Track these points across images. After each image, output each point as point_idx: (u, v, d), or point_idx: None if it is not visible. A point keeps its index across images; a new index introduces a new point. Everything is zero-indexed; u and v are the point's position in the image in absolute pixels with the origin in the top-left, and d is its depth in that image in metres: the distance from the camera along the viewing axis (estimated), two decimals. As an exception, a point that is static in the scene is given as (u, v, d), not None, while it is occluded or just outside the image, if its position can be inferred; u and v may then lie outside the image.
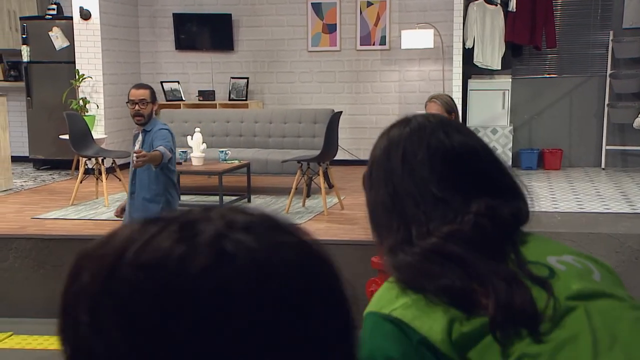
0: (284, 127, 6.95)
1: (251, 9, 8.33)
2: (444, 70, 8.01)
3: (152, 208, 3.92)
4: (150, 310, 0.48)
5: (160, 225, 0.51)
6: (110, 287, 0.50)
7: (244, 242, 0.51)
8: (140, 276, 0.48)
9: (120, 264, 0.50)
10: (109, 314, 0.49)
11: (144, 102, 3.89)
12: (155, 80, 8.53)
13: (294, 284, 0.51)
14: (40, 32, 7.83)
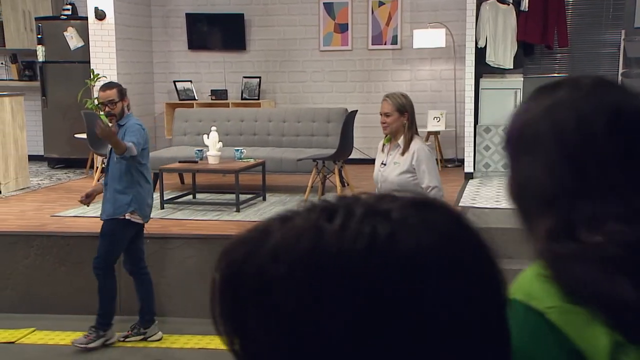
0: (297, 126, 7.01)
1: (263, 9, 8.39)
2: (456, 69, 8.05)
3: (122, 199, 4.12)
4: (371, 284, 0.50)
5: (343, 212, 0.52)
6: (318, 265, 0.51)
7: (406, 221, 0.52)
8: (355, 252, 0.50)
9: (321, 246, 0.51)
10: (272, 314, 0.51)
11: (112, 102, 4.08)
12: (168, 80, 8.61)
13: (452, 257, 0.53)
14: (55, 32, 7.91)
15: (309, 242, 0.51)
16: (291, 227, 0.53)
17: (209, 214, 5.60)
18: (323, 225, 0.52)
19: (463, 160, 8.16)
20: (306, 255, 0.51)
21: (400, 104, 3.62)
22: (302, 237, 0.52)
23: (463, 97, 8.10)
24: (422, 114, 8.20)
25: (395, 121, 3.61)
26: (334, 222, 0.51)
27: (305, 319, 0.50)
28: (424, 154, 3.60)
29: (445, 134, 8.05)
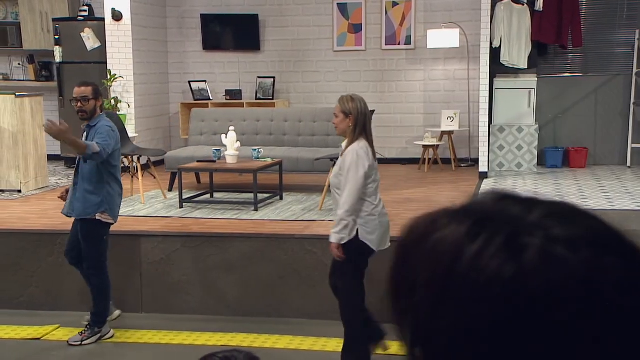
0: (313, 126, 7.07)
1: (278, 10, 8.45)
2: (469, 69, 8.09)
3: (92, 199, 4.18)
4: (488, 316, 0.51)
5: (486, 236, 0.53)
6: (449, 287, 0.53)
7: (568, 262, 0.51)
8: (479, 284, 0.52)
9: (456, 268, 0.53)
10: (449, 311, 0.53)
11: (85, 99, 4.12)
12: (183, 80, 8.68)
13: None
14: (73, 33, 7.99)
15: (446, 263, 0.54)
16: (440, 239, 0.56)
17: (228, 213, 5.66)
18: (465, 245, 0.53)
19: (476, 159, 8.19)
20: (440, 276, 0.54)
21: (346, 107, 3.67)
22: (443, 255, 0.55)
23: (476, 97, 8.14)
24: (435, 114, 8.26)
25: (341, 123, 3.69)
26: (475, 243, 0.53)
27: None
28: (352, 156, 3.59)
29: (458, 133, 8.09)
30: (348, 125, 3.67)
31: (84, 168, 4.20)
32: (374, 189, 3.73)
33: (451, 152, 7.98)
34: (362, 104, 3.71)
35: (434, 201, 6.29)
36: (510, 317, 0.50)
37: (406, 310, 0.57)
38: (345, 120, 3.68)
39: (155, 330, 4.68)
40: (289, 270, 4.89)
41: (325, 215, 5.52)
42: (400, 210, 5.72)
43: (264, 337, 4.51)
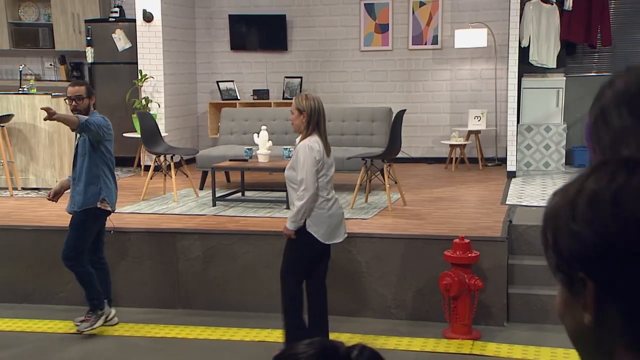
0: (342, 125, 7.12)
1: (305, 10, 8.52)
2: (497, 68, 8.10)
3: (92, 189, 4.36)
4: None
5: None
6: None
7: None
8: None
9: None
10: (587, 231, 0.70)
11: (79, 97, 4.30)
12: (211, 80, 8.78)
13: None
14: (104, 34, 8.12)
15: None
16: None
17: (260, 211, 5.73)
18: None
19: (503, 159, 8.20)
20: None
21: (300, 105, 3.89)
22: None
23: (503, 96, 8.15)
24: (462, 114, 8.28)
25: (296, 119, 3.91)
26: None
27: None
28: (303, 150, 3.81)
29: (485, 133, 8.10)
30: (302, 121, 3.88)
31: (80, 162, 4.36)
32: (324, 183, 3.92)
33: (478, 152, 8.00)
34: (316, 102, 3.92)
35: (465, 200, 6.32)
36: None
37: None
38: (300, 117, 3.89)
39: (192, 327, 4.77)
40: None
41: (358, 213, 5.58)
42: (432, 209, 5.77)
43: (300, 333, 4.57)
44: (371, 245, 4.87)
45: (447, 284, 4.31)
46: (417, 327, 4.60)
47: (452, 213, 5.61)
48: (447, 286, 4.31)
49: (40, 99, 6.51)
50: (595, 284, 0.68)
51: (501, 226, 4.96)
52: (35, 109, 6.57)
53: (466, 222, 5.22)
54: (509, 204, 5.76)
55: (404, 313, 4.78)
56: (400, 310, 4.79)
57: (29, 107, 6.58)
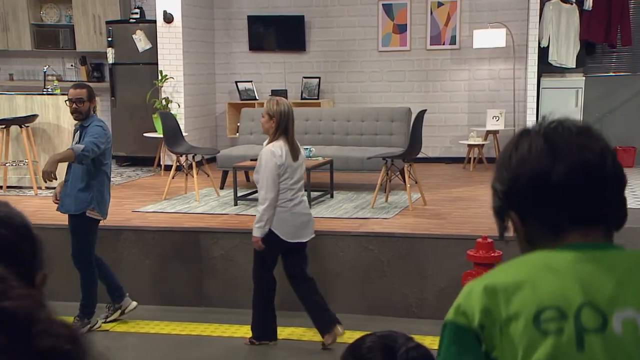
0: (361, 125, 7.16)
1: (323, 11, 8.56)
2: (515, 69, 8.11)
3: (83, 197, 4.38)
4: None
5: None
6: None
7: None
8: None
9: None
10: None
11: (80, 100, 4.33)
12: (230, 80, 8.85)
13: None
14: (125, 35, 8.21)
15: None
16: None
17: (282, 211, 5.77)
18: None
19: (521, 159, 8.21)
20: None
21: (270, 109, 4.03)
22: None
23: (522, 96, 8.15)
24: (480, 114, 8.28)
25: (266, 123, 4.06)
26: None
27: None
28: (265, 156, 4.00)
29: (503, 132, 8.10)
30: (271, 126, 4.03)
31: (75, 167, 4.38)
32: (289, 185, 4.08)
33: (496, 152, 8.00)
34: (287, 107, 4.06)
35: (484, 200, 6.33)
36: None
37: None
38: (270, 121, 4.04)
39: (215, 324, 4.83)
40: (345, 267, 4.99)
41: (379, 213, 5.61)
42: (452, 209, 5.79)
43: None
44: (393, 245, 4.91)
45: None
46: (440, 326, 4.60)
47: (473, 213, 5.64)
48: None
49: (64, 99, 6.59)
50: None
51: (523, 226, 4.97)
52: (59, 109, 6.66)
53: (487, 222, 5.24)
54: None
55: (426, 312, 4.81)
56: (422, 309, 4.82)
57: (53, 108, 6.67)
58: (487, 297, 1.11)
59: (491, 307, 1.10)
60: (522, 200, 1.16)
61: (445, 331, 1.15)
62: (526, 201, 1.16)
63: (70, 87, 4.44)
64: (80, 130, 4.38)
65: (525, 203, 1.16)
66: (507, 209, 1.19)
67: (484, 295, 1.10)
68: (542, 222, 1.16)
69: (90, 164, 4.33)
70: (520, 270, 1.14)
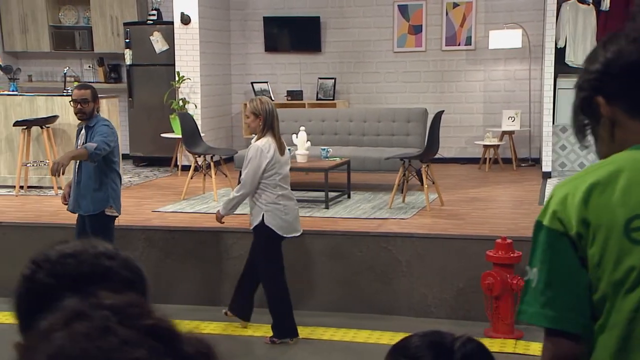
0: (378, 126, 7.19)
1: (339, 12, 8.60)
2: (531, 69, 8.11)
3: (99, 196, 4.44)
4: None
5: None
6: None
7: None
8: None
9: None
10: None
11: (85, 101, 4.39)
12: (245, 81, 8.91)
13: None
14: (142, 37, 8.29)
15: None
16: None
17: (300, 211, 5.80)
18: None
19: (536, 159, 8.21)
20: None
21: (256, 108, 4.19)
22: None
23: (538, 96, 8.15)
24: (495, 114, 8.29)
25: (252, 122, 4.22)
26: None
27: None
28: (252, 152, 4.20)
29: (518, 133, 8.11)
30: (258, 124, 4.19)
31: (87, 166, 4.42)
32: (277, 180, 4.26)
33: (512, 152, 8.01)
34: (270, 105, 4.25)
35: (501, 200, 6.36)
36: None
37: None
38: (256, 120, 4.19)
39: (237, 323, 4.87)
40: (363, 267, 5.03)
41: (397, 213, 5.64)
42: (469, 210, 5.81)
43: (342, 331, 4.66)
44: (411, 245, 4.94)
45: (489, 284, 4.36)
46: (458, 326, 4.64)
47: (490, 213, 5.66)
48: (490, 286, 4.36)
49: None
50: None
51: (541, 227, 4.99)
52: (79, 110, 6.73)
53: (505, 223, 5.26)
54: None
55: (444, 312, 4.84)
56: (441, 309, 4.85)
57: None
58: (583, 206, 1.18)
59: (586, 216, 1.18)
60: (616, 81, 1.23)
61: (540, 235, 1.23)
62: (619, 83, 1.22)
63: (73, 88, 4.50)
64: (87, 130, 4.43)
65: (617, 85, 1.23)
66: (595, 95, 1.24)
67: (581, 205, 1.18)
68: (631, 106, 1.22)
69: (102, 162, 4.39)
70: (611, 170, 1.20)
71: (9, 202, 6.29)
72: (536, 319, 1.23)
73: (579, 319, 1.19)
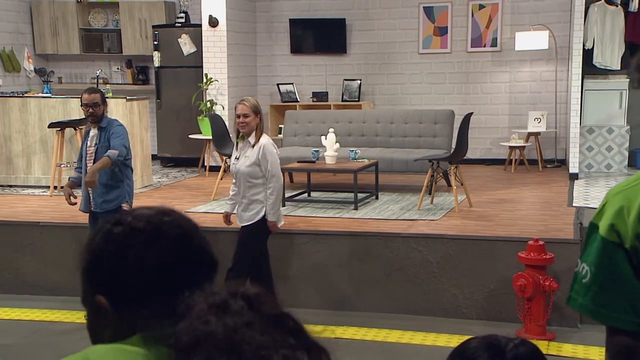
0: (405, 127, 7.24)
1: (364, 14, 8.65)
2: (557, 70, 8.10)
3: (115, 193, 4.59)
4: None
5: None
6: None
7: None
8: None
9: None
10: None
11: (96, 104, 4.51)
12: (271, 83, 8.99)
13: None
14: (170, 39, 8.40)
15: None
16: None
17: (329, 212, 5.89)
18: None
19: (562, 160, 8.20)
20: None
21: (255, 106, 4.30)
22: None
23: (564, 98, 8.15)
24: (521, 115, 8.30)
25: (252, 121, 4.27)
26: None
27: None
28: (269, 148, 4.29)
29: (544, 134, 8.11)
30: (257, 122, 4.29)
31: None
32: (269, 175, 4.37)
33: (538, 153, 8.01)
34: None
35: (529, 202, 6.37)
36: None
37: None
38: (256, 118, 4.29)
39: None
40: (394, 268, 5.08)
41: (425, 214, 5.69)
42: (499, 211, 5.84)
43: (374, 331, 4.72)
44: (442, 246, 4.98)
45: (521, 285, 4.39)
46: (490, 327, 4.68)
47: (520, 215, 5.68)
48: (522, 287, 4.39)
49: (116, 103, 6.80)
50: None
51: (572, 228, 5.01)
52: (111, 113, 6.84)
53: (535, 224, 5.29)
54: (576, 206, 5.79)
55: (475, 313, 4.88)
56: (472, 310, 4.89)
57: (105, 110, 6.86)
58: (638, 223, 1.26)
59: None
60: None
61: (595, 240, 1.31)
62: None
63: (83, 92, 4.59)
64: (100, 131, 4.53)
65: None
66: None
67: (636, 222, 1.26)
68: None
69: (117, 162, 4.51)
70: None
71: (44, 202, 6.42)
72: (589, 313, 1.33)
73: (634, 319, 1.27)
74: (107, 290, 0.98)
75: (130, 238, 0.98)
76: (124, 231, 0.99)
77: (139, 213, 1.02)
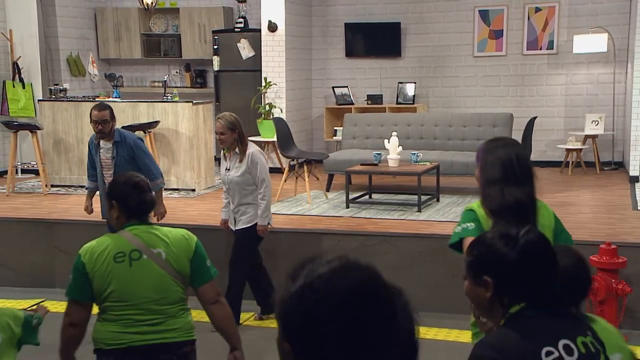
0: (463, 130, 7.31)
1: (419, 17, 8.74)
2: (615, 73, 8.08)
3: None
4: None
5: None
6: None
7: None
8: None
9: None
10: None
11: (105, 121, 4.61)
12: (325, 86, 9.15)
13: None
14: (229, 44, 8.62)
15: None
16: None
17: (393, 214, 6.01)
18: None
19: (619, 163, 8.18)
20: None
21: (231, 122, 4.49)
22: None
23: (621, 100, 8.12)
24: (577, 118, 8.30)
25: (228, 137, 4.50)
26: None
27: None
28: (257, 155, 4.55)
29: (603, 137, 8.10)
30: (234, 138, 4.51)
31: (122, 170, 4.50)
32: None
33: (595, 156, 8.00)
34: (237, 118, 4.60)
35: (592, 205, 6.40)
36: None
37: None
38: (233, 134, 4.50)
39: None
40: (462, 269, 5.16)
41: (490, 217, 5.76)
42: (563, 214, 5.83)
43: (445, 331, 4.83)
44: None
45: (594, 288, 4.45)
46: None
47: (586, 218, 5.72)
48: (594, 290, 4.45)
49: (182, 107, 7.03)
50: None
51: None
52: (177, 116, 7.09)
53: (602, 227, 5.33)
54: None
55: (544, 315, 4.94)
56: (541, 311, 4.95)
57: (172, 114, 7.10)
58: None
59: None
60: None
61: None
62: None
63: (92, 108, 4.64)
64: (114, 146, 4.62)
65: None
66: None
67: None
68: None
69: (137, 167, 4.52)
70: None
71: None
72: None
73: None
74: (293, 341, 1.04)
75: (329, 312, 1.01)
76: (320, 301, 1.01)
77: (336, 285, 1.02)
